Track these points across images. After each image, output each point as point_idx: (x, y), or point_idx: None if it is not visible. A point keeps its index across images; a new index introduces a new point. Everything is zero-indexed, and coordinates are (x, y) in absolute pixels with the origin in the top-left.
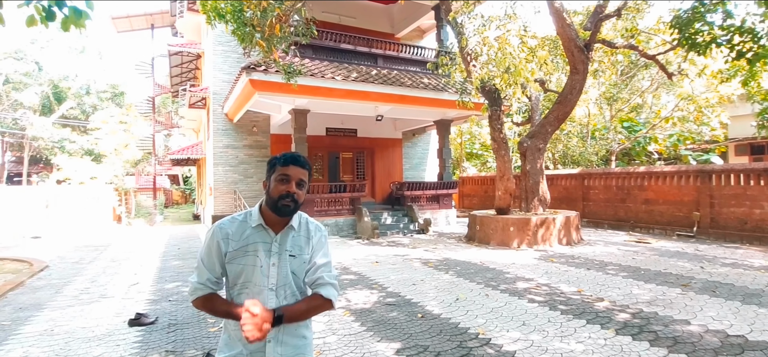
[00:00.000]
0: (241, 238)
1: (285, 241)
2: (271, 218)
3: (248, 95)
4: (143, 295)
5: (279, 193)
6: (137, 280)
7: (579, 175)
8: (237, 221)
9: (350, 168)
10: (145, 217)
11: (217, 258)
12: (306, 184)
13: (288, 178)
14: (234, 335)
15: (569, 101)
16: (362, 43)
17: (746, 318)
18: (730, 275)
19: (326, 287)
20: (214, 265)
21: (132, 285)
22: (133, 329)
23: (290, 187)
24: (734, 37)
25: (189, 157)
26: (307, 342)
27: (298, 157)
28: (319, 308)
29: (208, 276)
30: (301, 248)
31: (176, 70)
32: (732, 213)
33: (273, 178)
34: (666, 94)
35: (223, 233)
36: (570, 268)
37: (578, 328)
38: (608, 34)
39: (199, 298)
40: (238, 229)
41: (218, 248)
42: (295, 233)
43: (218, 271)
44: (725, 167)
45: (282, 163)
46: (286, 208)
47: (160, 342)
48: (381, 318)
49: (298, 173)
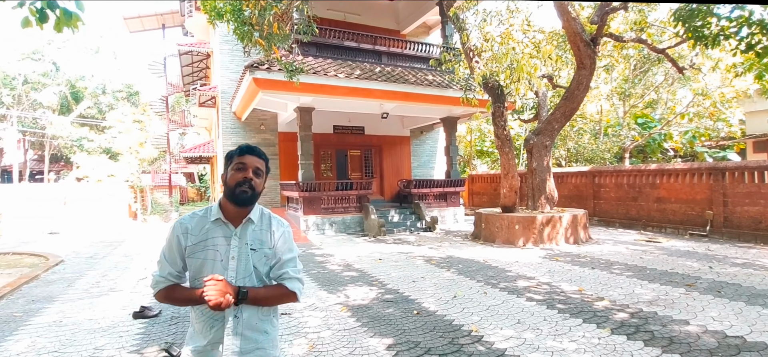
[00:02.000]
0: (200, 232)
1: (245, 235)
2: (231, 212)
3: (253, 93)
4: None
5: (236, 181)
6: (146, 274)
7: (589, 173)
8: (197, 216)
9: (358, 165)
10: (161, 214)
11: (177, 252)
12: (263, 174)
13: (245, 167)
14: (197, 328)
15: (576, 97)
16: (366, 40)
17: (748, 319)
18: (738, 275)
19: (291, 281)
20: (176, 260)
21: (141, 279)
22: (137, 322)
23: (247, 174)
24: (743, 28)
25: (202, 154)
26: (270, 337)
27: (253, 147)
28: (282, 298)
29: (170, 270)
30: (262, 242)
31: (187, 69)
32: (746, 212)
33: (230, 168)
34: (681, 90)
35: (183, 228)
36: (574, 267)
37: (573, 327)
38: (618, 27)
39: (161, 291)
40: (198, 224)
41: (178, 243)
42: (255, 227)
43: (179, 265)
44: (739, 165)
45: (239, 153)
46: (244, 194)
47: (161, 334)
48: (377, 314)
49: (254, 162)
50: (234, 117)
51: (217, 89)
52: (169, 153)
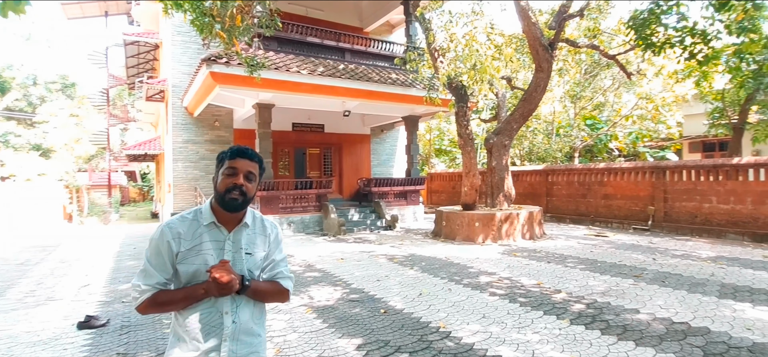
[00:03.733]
0: (192, 236)
1: (239, 239)
2: (223, 216)
3: (209, 88)
4: (94, 296)
5: (226, 187)
6: (88, 281)
7: (543, 172)
8: (187, 220)
9: (317, 164)
10: (99, 215)
11: (168, 258)
12: (256, 178)
13: (235, 171)
14: (188, 335)
15: (534, 99)
16: (330, 36)
17: (691, 306)
18: (679, 266)
19: (285, 280)
20: (165, 266)
21: (82, 286)
22: (83, 332)
23: (237, 180)
24: (687, 38)
25: (147, 152)
26: (261, 339)
27: (246, 149)
28: (277, 295)
29: (158, 278)
30: (256, 246)
31: (132, 61)
32: (683, 207)
33: (221, 172)
34: (626, 93)
35: (174, 232)
36: (532, 261)
37: (535, 319)
38: (572, 33)
39: (145, 302)
40: (190, 228)
41: (169, 248)
42: (249, 231)
43: (169, 272)
44: (678, 164)
45: (229, 157)
46: (234, 201)
47: (112, 344)
48: (344, 314)
49: (247, 165)
50: (186, 112)
51: (167, 83)
52: (109, 150)
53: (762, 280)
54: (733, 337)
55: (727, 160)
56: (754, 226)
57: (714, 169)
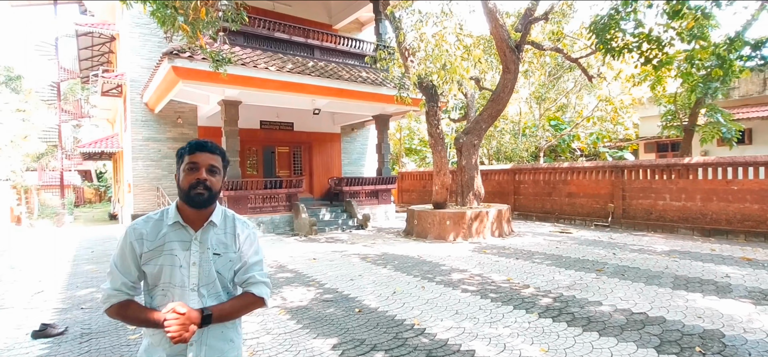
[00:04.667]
0: (156, 237)
1: (206, 239)
2: (190, 215)
3: (171, 84)
4: (50, 303)
5: (189, 183)
6: (42, 287)
7: (511, 171)
8: (152, 220)
9: (287, 163)
10: (52, 217)
11: (132, 260)
12: (219, 171)
13: (197, 166)
14: (154, 340)
15: (502, 99)
16: (298, 32)
17: (648, 297)
18: (636, 260)
19: (258, 285)
20: (130, 268)
21: (36, 293)
22: (38, 342)
23: (200, 175)
24: (643, 44)
25: (103, 150)
26: (235, 345)
27: (205, 142)
28: (249, 306)
29: (124, 280)
30: (226, 246)
31: (86, 53)
32: (640, 204)
33: (182, 168)
34: (588, 95)
35: (137, 234)
36: (501, 258)
37: (506, 314)
38: (537, 36)
39: (113, 307)
40: (154, 229)
41: (132, 250)
42: (217, 230)
43: (134, 274)
44: (635, 163)
45: (189, 151)
46: (199, 196)
47: (71, 354)
48: (318, 315)
49: (208, 159)
50: (146, 108)
51: (124, 77)
52: (61, 148)
53: (710, 271)
54: (687, 325)
55: (678, 160)
56: (702, 221)
57: (667, 168)
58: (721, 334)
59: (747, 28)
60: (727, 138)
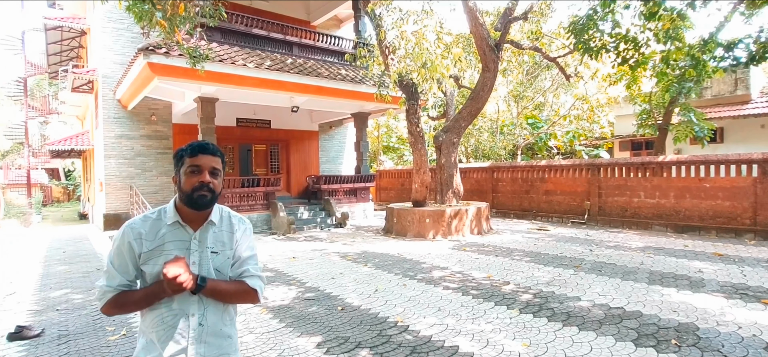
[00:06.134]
0: (155, 237)
1: (205, 238)
2: (188, 214)
3: (146, 80)
4: (24, 305)
5: (192, 186)
6: (14, 288)
7: (489, 169)
8: (150, 219)
9: (264, 161)
10: (19, 217)
11: (130, 260)
12: (220, 173)
13: (199, 169)
14: (155, 336)
15: (481, 98)
16: (276, 29)
17: (625, 292)
18: (613, 256)
19: (253, 278)
20: (127, 267)
21: (8, 295)
22: (15, 344)
23: (203, 178)
24: (620, 44)
25: (73, 147)
26: (232, 341)
27: (207, 144)
28: (243, 295)
29: (120, 280)
30: (223, 244)
31: (54, 48)
32: (615, 202)
33: (182, 171)
34: (564, 94)
35: (136, 233)
36: (481, 255)
37: (487, 310)
38: (516, 35)
39: (108, 302)
40: (152, 228)
41: (130, 249)
42: (216, 228)
43: (132, 273)
44: (611, 161)
45: (190, 154)
46: (203, 198)
47: (50, 355)
48: (300, 313)
49: (210, 161)
50: (118, 105)
51: (96, 73)
52: (28, 145)
53: (684, 267)
54: (662, 319)
55: (653, 158)
56: (676, 218)
57: (642, 166)
58: (695, 327)
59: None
60: (699, 137)
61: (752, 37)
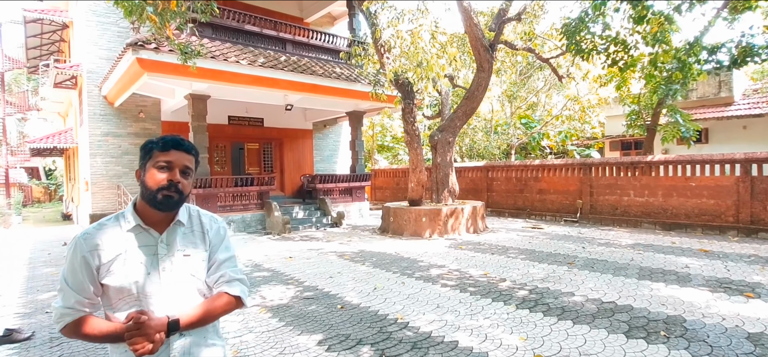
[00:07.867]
0: (114, 245)
1: (174, 241)
2: (151, 216)
3: (135, 76)
4: (11, 308)
5: (158, 184)
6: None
7: (484, 168)
8: (106, 226)
9: (256, 160)
10: None
11: (85, 276)
12: (192, 173)
13: (170, 166)
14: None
15: (476, 97)
16: (269, 25)
17: (616, 287)
18: (604, 253)
19: (232, 284)
20: (83, 284)
21: None
22: (4, 347)
23: (173, 175)
24: (610, 46)
25: (56, 145)
26: (217, 347)
27: (181, 140)
28: (225, 307)
29: (77, 298)
30: (196, 245)
31: (34, 41)
32: (606, 200)
33: (149, 165)
34: (557, 95)
35: (90, 245)
36: (477, 253)
37: (485, 306)
38: (510, 36)
39: (68, 326)
40: (109, 236)
41: (84, 264)
42: (185, 229)
43: (89, 290)
44: (602, 161)
45: (161, 148)
46: (169, 199)
47: None
48: (300, 312)
49: (183, 159)
50: (105, 102)
51: (81, 68)
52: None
53: (672, 263)
54: (652, 312)
55: (642, 157)
56: (664, 216)
57: (631, 166)
58: (682, 319)
59: (704, 34)
60: (685, 137)
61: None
